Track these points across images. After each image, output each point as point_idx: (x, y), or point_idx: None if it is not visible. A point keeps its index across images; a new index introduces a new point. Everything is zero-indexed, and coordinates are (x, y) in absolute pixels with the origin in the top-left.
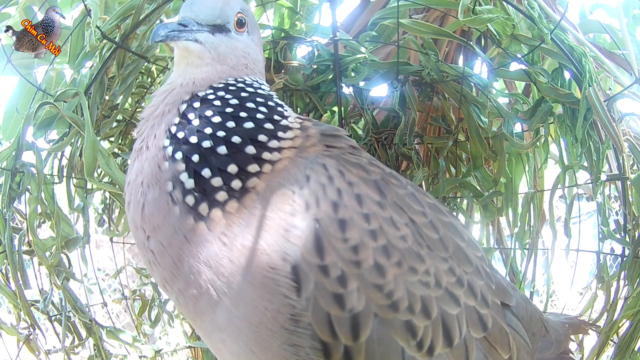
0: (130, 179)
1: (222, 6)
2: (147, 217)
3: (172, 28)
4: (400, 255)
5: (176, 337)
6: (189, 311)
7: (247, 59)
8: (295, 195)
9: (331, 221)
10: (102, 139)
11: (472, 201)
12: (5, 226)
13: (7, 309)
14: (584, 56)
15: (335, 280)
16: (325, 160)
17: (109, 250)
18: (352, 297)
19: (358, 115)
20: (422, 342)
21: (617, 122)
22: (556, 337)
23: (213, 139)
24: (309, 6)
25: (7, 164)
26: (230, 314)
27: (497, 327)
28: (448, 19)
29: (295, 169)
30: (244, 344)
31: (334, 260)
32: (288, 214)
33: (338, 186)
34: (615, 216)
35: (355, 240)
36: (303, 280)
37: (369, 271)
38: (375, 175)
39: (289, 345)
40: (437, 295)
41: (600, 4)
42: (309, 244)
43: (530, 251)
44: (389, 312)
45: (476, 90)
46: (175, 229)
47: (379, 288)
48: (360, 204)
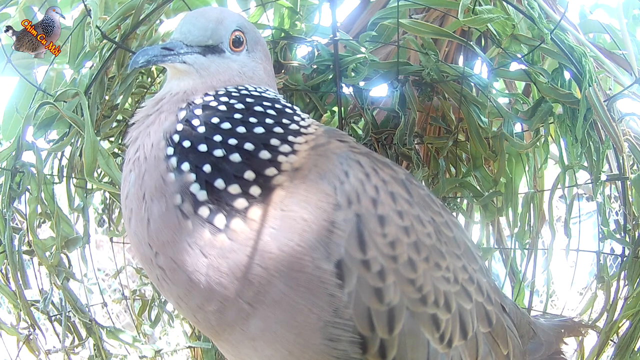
0: (127, 191)
1: (215, 26)
2: (155, 233)
3: (154, 53)
4: (427, 251)
5: (176, 337)
6: (210, 326)
7: (242, 78)
8: (337, 190)
9: (372, 217)
10: (102, 139)
11: (472, 201)
12: (5, 226)
13: (7, 309)
14: (584, 56)
15: (376, 275)
16: (359, 157)
17: (109, 250)
18: (389, 291)
19: (358, 115)
20: (444, 334)
21: (617, 122)
22: (546, 339)
23: (225, 147)
24: (309, 6)
25: (7, 164)
26: (268, 321)
27: (499, 324)
28: (448, 19)
29: (328, 164)
30: (282, 347)
31: (375, 255)
32: (330, 210)
33: (375, 183)
34: (615, 216)
35: (392, 236)
36: (346, 275)
37: (404, 266)
38: (401, 175)
39: (329, 340)
40: (455, 291)
41: (600, 4)
42: (352, 238)
43: (530, 251)
44: (419, 306)
45: (476, 90)
46: (188, 244)
47: (412, 282)
48: (394, 201)
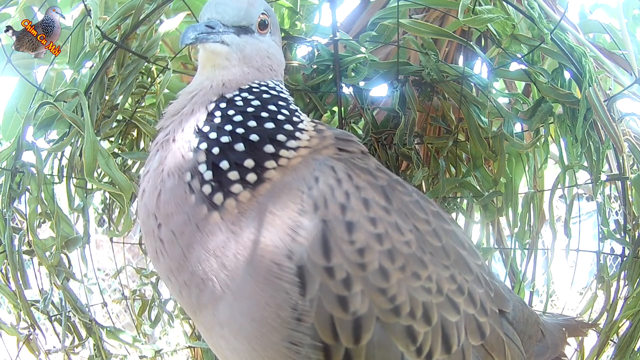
0: (150, 167)
1: (247, 7)
2: (162, 204)
3: (201, 30)
4: (404, 260)
5: (176, 337)
6: (191, 304)
7: (272, 60)
8: (304, 195)
9: (338, 223)
10: (102, 139)
11: (472, 201)
12: (5, 226)
13: (7, 309)
14: (584, 56)
15: (340, 283)
16: (334, 163)
17: (109, 250)
18: (355, 300)
19: (358, 115)
20: (422, 347)
21: (617, 122)
22: (552, 341)
23: (231, 136)
24: (309, 6)
25: (7, 164)
26: (232, 309)
27: (495, 335)
28: (448, 19)
29: (304, 170)
30: (245, 340)
31: (340, 262)
32: (296, 213)
33: (346, 189)
34: (615, 216)
35: (361, 243)
36: (308, 281)
37: (373, 274)
38: (382, 181)
39: (290, 342)
40: (438, 302)
41: (600, 4)
42: (316, 244)
43: (530, 251)
44: (391, 317)
45: (476, 90)
46: (188, 217)
47: (383, 292)
48: (367, 207)
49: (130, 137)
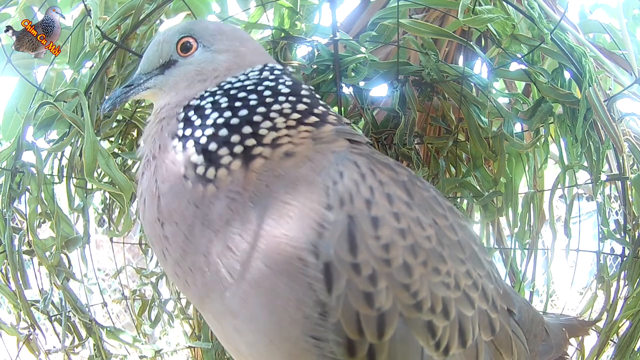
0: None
1: (160, 47)
2: (164, 206)
3: (117, 94)
4: (425, 255)
5: (176, 337)
6: (197, 291)
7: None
8: (330, 190)
9: (365, 218)
10: (102, 139)
11: (472, 201)
12: (5, 226)
13: (7, 309)
14: (584, 56)
15: (366, 279)
16: (355, 157)
17: (109, 250)
18: (381, 296)
19: (358, 115)
20: (440, 342)
21: (617, 122)
22: (556, 342)
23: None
24: (309, 6)
25: (7, 164)
26: (246, 298)
27: (504, 332)
28: (448, 19)
29: (325, 162)
30: (262, 333)
31: (366, 258)
32: (323, 208)
33: (370, 184)
34: (615, 216)
35: (386, 239)
36: (335, 278)
37: (397, 270)
38: (402, 177)
39: (312, 337)
40: (456, 297)
41: (600, 4)
42: (343, 240)
43: (530, 251)
44: (413, 312)
45: (476, 90)
46: (187, 200)
47: (406, 287)
48: (390, 202)
49: (130, 137)
